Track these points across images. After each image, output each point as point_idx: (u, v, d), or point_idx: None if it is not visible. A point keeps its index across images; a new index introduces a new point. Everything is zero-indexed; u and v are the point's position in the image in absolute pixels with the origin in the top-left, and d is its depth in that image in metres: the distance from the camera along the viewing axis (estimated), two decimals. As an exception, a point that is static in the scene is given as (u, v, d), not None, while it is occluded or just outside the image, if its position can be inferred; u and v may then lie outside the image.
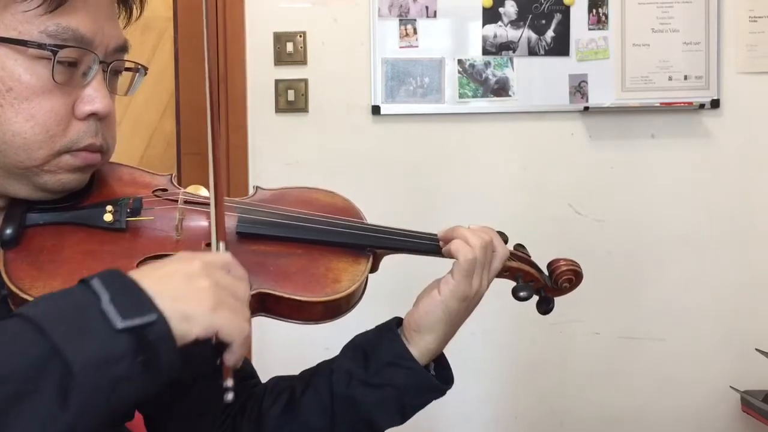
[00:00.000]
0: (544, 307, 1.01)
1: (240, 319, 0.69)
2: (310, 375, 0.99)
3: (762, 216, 2.39)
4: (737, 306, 2.40)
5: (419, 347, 0.93)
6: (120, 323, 0.62)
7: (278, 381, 1.03)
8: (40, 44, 0.79)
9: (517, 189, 2.39)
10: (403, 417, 0.95)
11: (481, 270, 0.92)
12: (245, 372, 1.05)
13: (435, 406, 0.97)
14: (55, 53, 0.79)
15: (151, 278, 0.66)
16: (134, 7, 0.92)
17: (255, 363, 1.09)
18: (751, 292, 2.40)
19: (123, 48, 0.88)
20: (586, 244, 2.36)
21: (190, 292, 0.67)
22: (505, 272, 0.99)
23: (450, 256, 0.94)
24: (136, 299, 0.64)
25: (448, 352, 0.98)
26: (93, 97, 0.83)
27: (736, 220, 2.40)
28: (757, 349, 2.18)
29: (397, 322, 0.97)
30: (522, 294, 0.97)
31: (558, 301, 1.02)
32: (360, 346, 0.96)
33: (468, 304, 0.93)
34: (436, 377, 0.96)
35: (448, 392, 0.97)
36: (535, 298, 1.01)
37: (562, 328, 2.39)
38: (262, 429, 0.98)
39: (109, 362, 0.61)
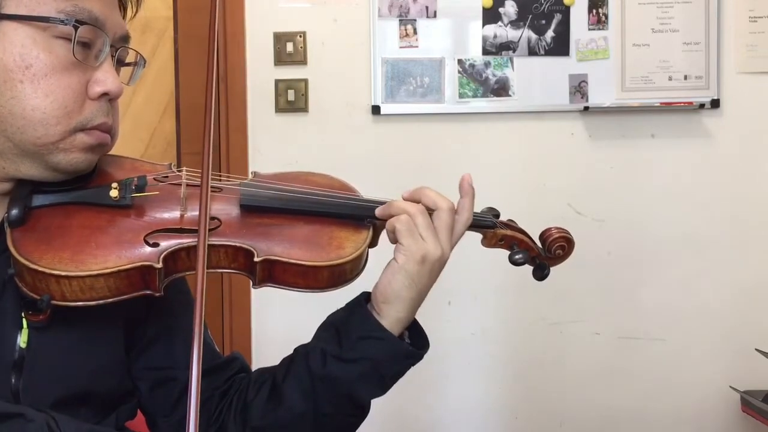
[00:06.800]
0: (540, 273, 1.04)
1: None
2: (289, 361, 1.00)
3: (762, 216, 2.39)
4: (737, 306, 2.40)
5: (390, 318, 0.94)
6: None
7: (261, 372, 1.04)
8: (62, 20, 0.83)
9: (517, 189, 2.39)
10: (383, 388, 0.96)
11: (427, 229, 0.93)
12: (237, 367, 1.06)
13: (435, 405, 0.97)
14: (76, 28, 0.83)
15: None
16: (129, 5, 0.96)
17: (254, 361, 1.09)
18: (750, 292, 2.40)
19: (127, 38, 0.93)
20: (586, 244, 2.33)
21: None
22: (500, 241, 1.03)
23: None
24: None
25: (449, 350, 0.98)
26: (105, 78, 0.87)
27: (736, 220, 2.40)
28: (757, 349, 2.18)
29: (366, 296, 0.98)
30: (518, 258, 1.01)
31: (558, 301, 1.04)
32: (332, 325, 0.97)
33: (430, 267, 0.93)
34: (411, 344, 0.96)
35: (449, 391, 0.97)
36: (531, 266, 1.04)
37: (562, 328, 2.38)
38: (248, 420, 0.98)
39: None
